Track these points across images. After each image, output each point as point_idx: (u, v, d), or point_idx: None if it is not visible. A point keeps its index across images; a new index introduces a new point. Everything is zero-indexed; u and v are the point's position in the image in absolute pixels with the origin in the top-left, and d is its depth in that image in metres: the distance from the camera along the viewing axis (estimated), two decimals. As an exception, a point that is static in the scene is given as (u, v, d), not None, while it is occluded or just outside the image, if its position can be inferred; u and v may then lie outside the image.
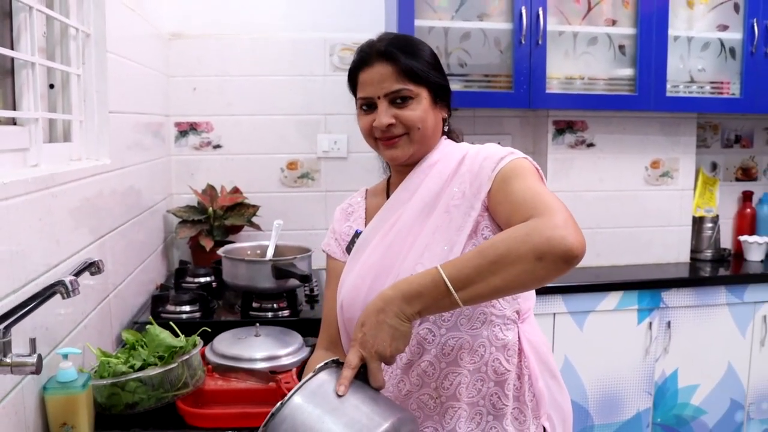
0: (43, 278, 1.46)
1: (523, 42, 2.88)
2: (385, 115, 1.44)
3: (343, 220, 1.63)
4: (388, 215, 1.48)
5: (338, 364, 1.21)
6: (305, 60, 3.17)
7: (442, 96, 1.51)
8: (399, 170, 1.56)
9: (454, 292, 1.18)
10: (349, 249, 1.55)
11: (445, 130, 1.55)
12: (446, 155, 1.48)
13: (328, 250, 1.63)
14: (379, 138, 1.48)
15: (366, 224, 1.57)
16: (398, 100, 1.44)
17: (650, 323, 2.92)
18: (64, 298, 1.08)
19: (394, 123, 1.44)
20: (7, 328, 1.16)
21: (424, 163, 1.49)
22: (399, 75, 1.43)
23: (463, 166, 1.43)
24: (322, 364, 1.21)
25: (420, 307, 1.20)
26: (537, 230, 1.16)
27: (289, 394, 1.13)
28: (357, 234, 1.56)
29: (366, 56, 1.47)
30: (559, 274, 1.16)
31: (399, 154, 1.47)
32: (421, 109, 1.45)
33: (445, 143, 1.53)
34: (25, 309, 1.06)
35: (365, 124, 1.48)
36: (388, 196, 1.56)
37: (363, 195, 1.66)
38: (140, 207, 2.49)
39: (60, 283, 1.07)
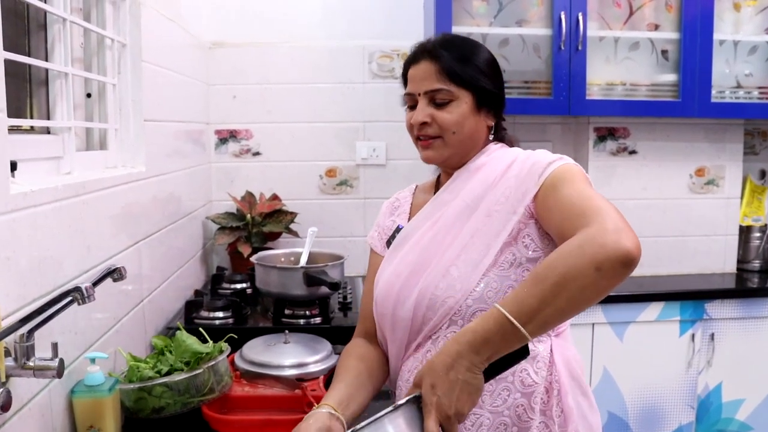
0: (72, 284, 1.49)
1: (562, 48, 2.84)
2: (421, 113, 1.45)
3: (387, 214, 1.65)
4: (430, 214, 1.49)
5: (418, 401, 1.13)
6: (344, 67, 3.19)
7: (488, 103, 1.48)
8: (446, 170, 1.56)
9: (521, 327, 1.11)
10: (389, 243, 1.56)
11: (491, 138, 1.53)
12: (494, 159, 1.47)
13: (371, 242, 1.65)
14: (416, 136, 1.49)
15: (410, 220, 1.57)
16: (438, 100, 1.44)
17: (693, 335, 2.85)
18: (79, 304, 1.10)
19: (429, 122, 1.45)
20: (31, 332, 1.19)
21: (471, 165, 1.49)
22: (441, 74, 1.43)
23: (510, 170, 1.42)
24: (404, 401, 1.13)
25: (489, 353, 1.13)
26: (589, 240, 1.12)
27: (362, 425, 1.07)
28: (398, 229, 1.56)
29: (416, 53, 1.49)
30: (620, 280, 1.11)
31: (432, 155, 1.48)
32: (459, 113, 1.44)
33: (494, 147, 1.51)
34: (43, 315, 1.08)
35: (407, 121, 1.50)
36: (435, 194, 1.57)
37: (412, 191, 1.68)
38: (179, 213, 2.53)
39: (76, 289, 1.09)
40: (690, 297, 2.84)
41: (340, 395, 1.37)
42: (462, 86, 1.44)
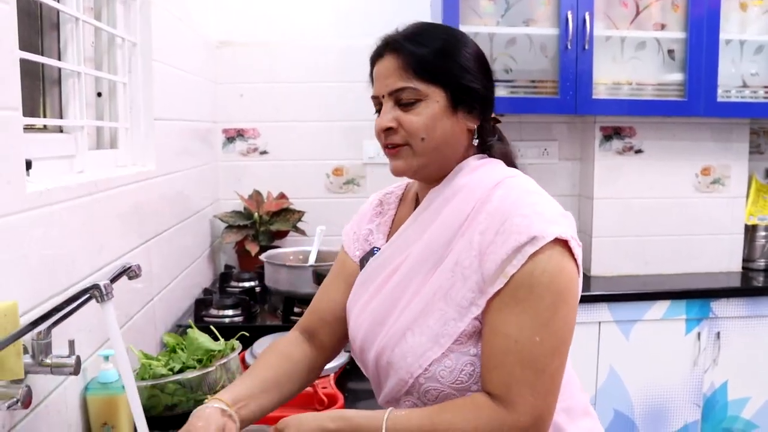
0: (84, 282, 1.50)
1: (569, 47, 2.85)
2: (385, 117, 1.23)
3: (370, 217, 1.46)
4: (395, 253, 1.29)
5: None
6: (351, 66, 3.19)
7: (467, 101, 1.24)
8: (422, 186, 1.34)
9: None
10: (362, 264, 1.38)
11: (475, 143, 1.29)
12: (473, 183, 1.23)
13: (345, 240, 1.48)
14: (384, 144, 1.27)
15: (387, 238, 1.38)
16: (404, 100, 1.22)
17: (698, 333, 2.86)
18: (98, 302, 1.11)
19: (395, 128, 1.23)
20: (48, 330, 1.19)
21: (446, 187, 1.26)
22: (405, 70, 1.21)
23: (483, 211, 1.18)
24: None
25: None
26: None
27: None
28: (373, 252, 1.37)
29: (379, 47, 1.28)
30: None
31: (401, 165, 1.25)
32: (428, 115, 1.21)
33: (475, 164, 1.27)
34: (61, 312, 1.09)
35: (375, 127, 1.29)
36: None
37: (398, 196, 1.47)
38: (187, 212, 2.54)
39: (95, 287, 1.10)
40: (696, 296, 2.85)
41: (240, 392, 1.27)
42: (431, 82, 1.21)
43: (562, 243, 1.11)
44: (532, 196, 1.18)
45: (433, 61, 1.21)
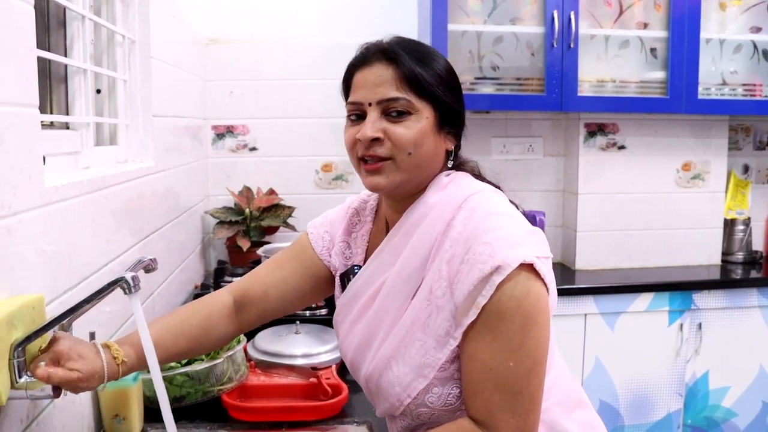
0: (94, 277, 1.52)
1: (555, 45, 2.91)
2: (371, 127, 1.18)
3: (346, 227, 1.42)
4: (373, 278, 1.28)
5: None
6: (339, 64, 3.17)
7: (450, 122, 1.24)
8: (390, 204, 1.31)
9: None
10: (342, 281, 1.38)
11: (449, 165, 1.28)
12: (442, 201, 1.21)
13: (313, 235, 1.45)
14: (361, 157, 1.22)
15: (365, 257, 1.37)
16: (393, 112, 1.18)
17: (681, 325, 2.94)
18: (126, 293, 1.13)
19: (381, 139, 1.18)
20: (70, 323, 1.22)
21: (416, 207, 1.24)
22: (400, 81, 1.18)
23: (448, 237, 1.17)
24: None
25: None
26: None
27: None
28: (354, 270, 1.35)
29: (366, 54, 1.25)
30: None
31: (382, 182, 1.20)
32: (418, 130, 1.18)
33: (444, 181, 1.25)
34: (89, 304, 1.12)
35: (350, 137, 1.24)
36: (387, 231, 1.33)
37: (374, 208, 1.42)
38: (180, 208, 2.56)
39: (122, 279, 1.12)
40: (678, 288, 2.93)
41: (138, 350, 1.23)
42: (424, 98, 1.20)
43: (528, 266, 1.10)
44: (493, 219, 1.15)
45: (429, 80, 1.20)
